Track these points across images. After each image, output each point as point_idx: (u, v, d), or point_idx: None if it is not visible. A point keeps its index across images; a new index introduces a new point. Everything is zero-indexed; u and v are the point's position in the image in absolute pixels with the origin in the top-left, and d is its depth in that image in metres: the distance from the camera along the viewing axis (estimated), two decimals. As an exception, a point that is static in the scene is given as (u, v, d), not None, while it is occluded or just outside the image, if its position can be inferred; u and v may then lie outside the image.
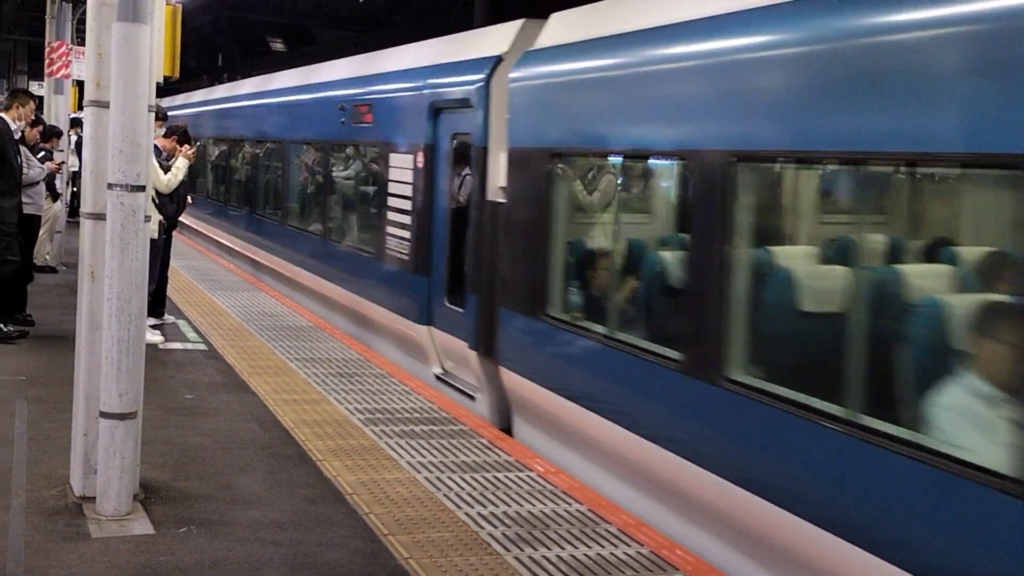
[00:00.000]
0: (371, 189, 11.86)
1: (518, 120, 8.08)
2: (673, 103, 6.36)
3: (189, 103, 24.74)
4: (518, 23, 8.89)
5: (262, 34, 38.52)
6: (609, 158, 7.29)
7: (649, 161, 7.08)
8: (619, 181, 7.19)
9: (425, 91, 10.05)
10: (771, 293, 5.67)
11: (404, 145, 10.46)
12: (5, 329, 9.89)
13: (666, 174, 7.08)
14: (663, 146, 6.55)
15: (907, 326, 4.84)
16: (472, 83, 8.96)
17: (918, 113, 4.48)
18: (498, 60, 8.71)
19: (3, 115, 10.32)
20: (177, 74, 6.44)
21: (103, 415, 5.60)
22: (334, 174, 13.22)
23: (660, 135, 6.53)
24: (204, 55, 42.64)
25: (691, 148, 6.01)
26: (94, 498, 5.68)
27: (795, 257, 5.84)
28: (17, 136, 10.48)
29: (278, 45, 38.81)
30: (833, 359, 4.89)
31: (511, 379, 8.09)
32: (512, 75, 8.16)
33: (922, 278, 5.00)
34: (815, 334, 5.35)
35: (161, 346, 9.91)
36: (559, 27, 8.08)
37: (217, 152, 20.72)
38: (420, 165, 9.94)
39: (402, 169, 10.39)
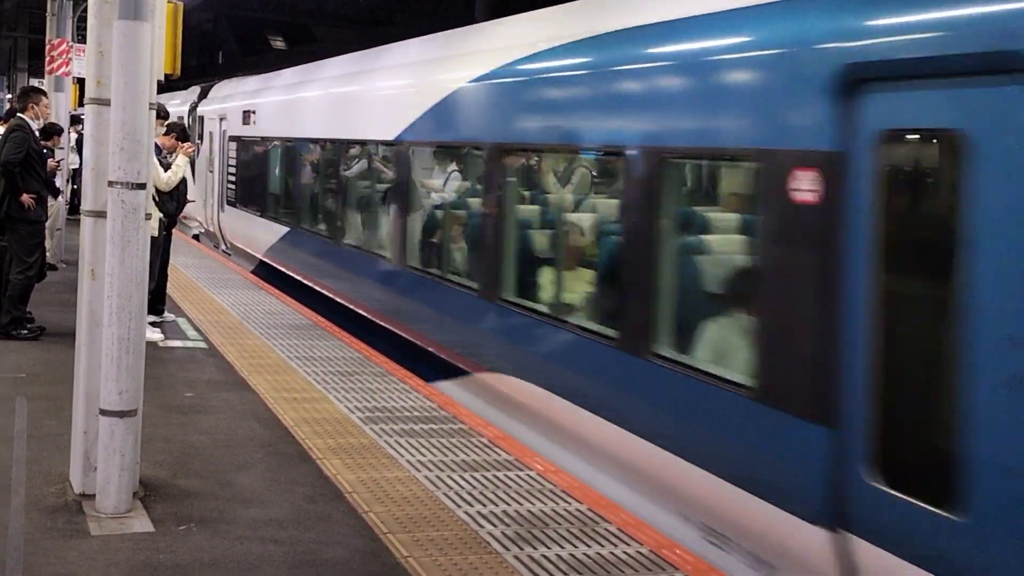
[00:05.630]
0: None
1: None
2: None
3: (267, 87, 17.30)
4: None
5: (262, 31, 38.56)
6: None
7: None
8: None
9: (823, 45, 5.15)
10: None
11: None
12: (30, 327, 9.98)
13: None
14: None
15: None
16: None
17: None
18: None
19: (23, 116, 10.33)
20: (178, 72, 6.45)
21: (103, 413, 5.60)
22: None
23: None
24: (204, 53, 42.69)
25: None
26: (94, 496, 5.68)
27: None
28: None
29: (278, 43, 38.85)
30: None
31: None
32: None
33: None
34: None
35: (161, 344, 9.91)
36: None
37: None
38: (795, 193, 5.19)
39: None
